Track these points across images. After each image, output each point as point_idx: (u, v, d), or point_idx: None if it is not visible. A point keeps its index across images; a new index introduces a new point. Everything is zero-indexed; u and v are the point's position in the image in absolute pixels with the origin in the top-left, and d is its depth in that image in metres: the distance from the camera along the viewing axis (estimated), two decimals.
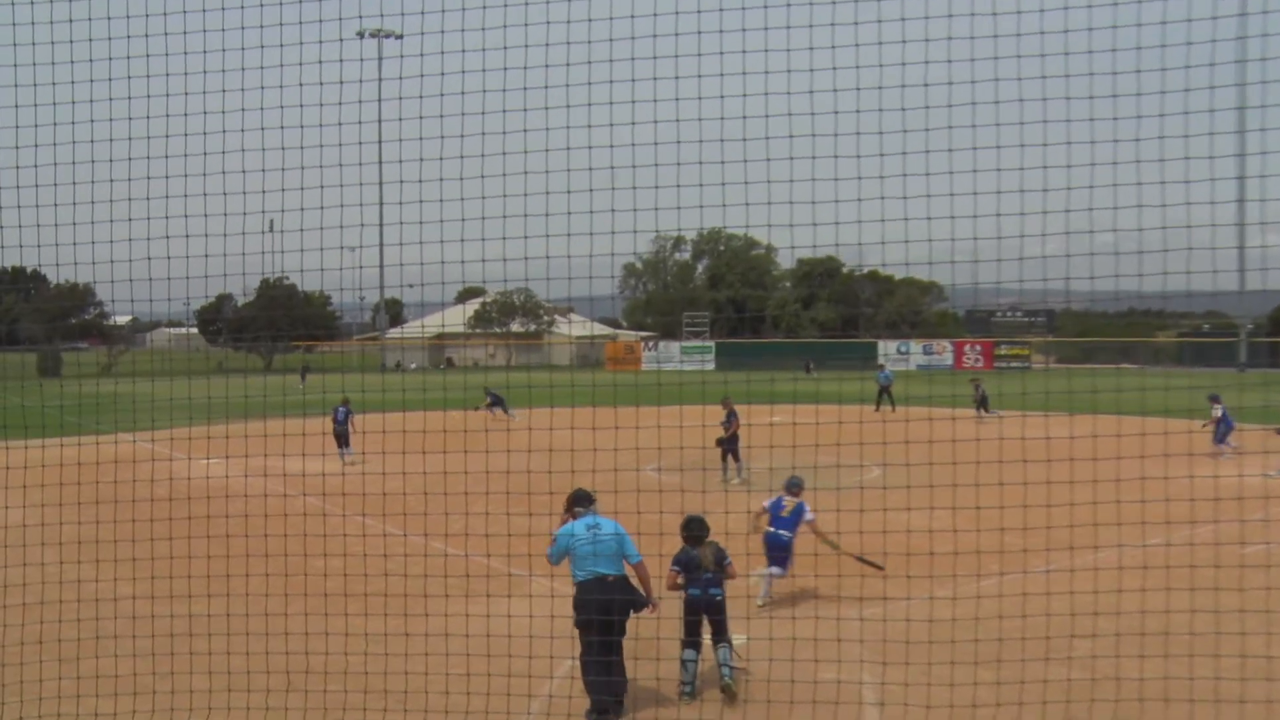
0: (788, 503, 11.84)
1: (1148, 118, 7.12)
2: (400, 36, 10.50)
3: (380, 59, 15.26)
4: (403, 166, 8.26)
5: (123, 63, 8.45)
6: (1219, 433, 23.67)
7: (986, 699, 8.47)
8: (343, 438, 24.07)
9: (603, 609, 8.51)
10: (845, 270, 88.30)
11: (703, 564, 9.17)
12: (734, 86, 7.80)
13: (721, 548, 9.33)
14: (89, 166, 8.59)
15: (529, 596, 10.68)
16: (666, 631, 9.41)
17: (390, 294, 78.28)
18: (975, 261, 8.21)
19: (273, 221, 8.83)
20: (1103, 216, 7.61)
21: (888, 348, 72.07)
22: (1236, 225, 10.13)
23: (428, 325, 77.48)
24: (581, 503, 9.01)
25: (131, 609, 9.54)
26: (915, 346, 74.09)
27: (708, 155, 8.02)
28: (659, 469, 19.09)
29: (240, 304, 73.71)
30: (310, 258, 8.79)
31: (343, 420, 24.41)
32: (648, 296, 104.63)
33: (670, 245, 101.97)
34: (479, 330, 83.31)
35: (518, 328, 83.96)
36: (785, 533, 11.72)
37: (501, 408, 30.63)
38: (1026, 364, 70.12)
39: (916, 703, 8.51)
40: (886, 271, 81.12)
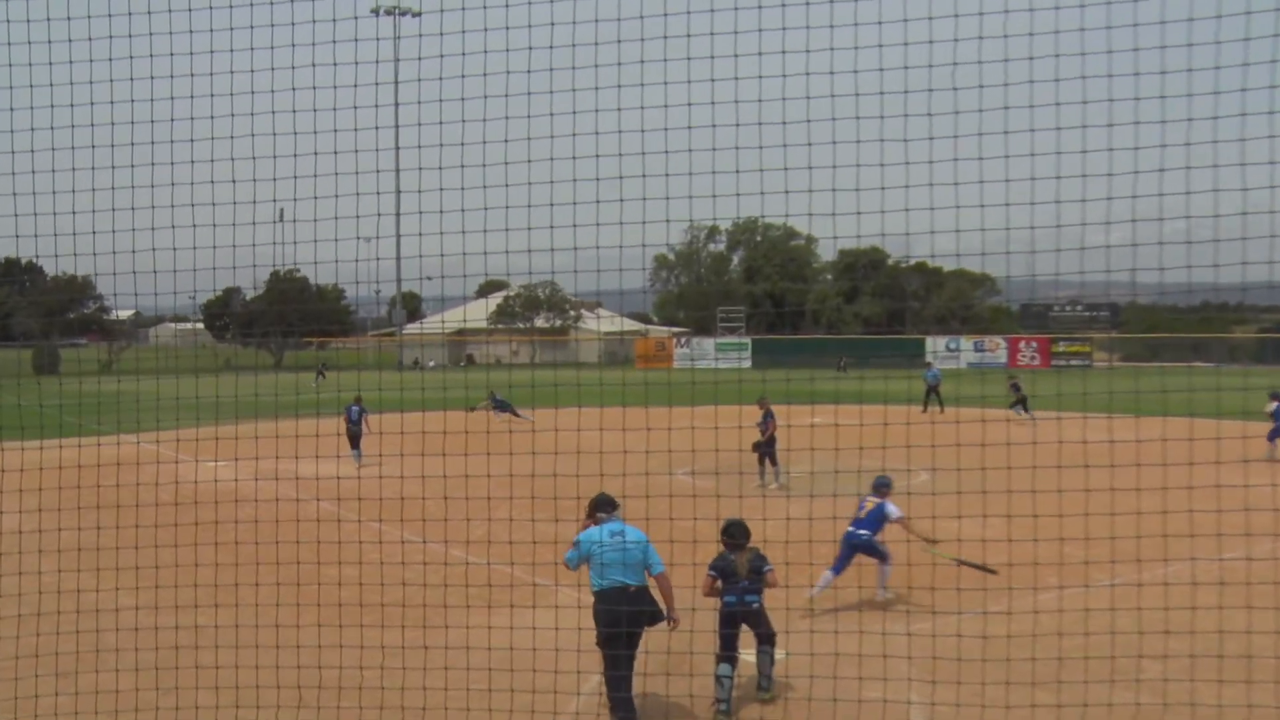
0: (869, 503, 12.13)
1: (1226, 93, 6.96)
2: (418, 14, 10.55)
3: (397, 38, 15.35)
4: (421, 152, 8.27)
5: (124, 41, 8.46)
6: (1274, 431, 23.30)
7: None
8: (356, 439, 24.22)
9: (629, 620, 8.49)
10: (891, 262, 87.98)
11: (738, 570, 9.17)
12: (773, 65, 7.68)
13: (761, 554, 9.34)
14: (89, 151, 8.60)
15: (554, 608, 10.69)
16: (700, 645, 9.38)
17: (408, 287, 78.98)
18: (1032, 252, 8.10)
19: (283, 210, 8.89)
20: (1174, 202, 7.47)
21: (936, 344, 71.67)
22: None
23: (447, 321, 77.73)
24: (604, 508, 9.00)
25: (134, 620, 9.58)
26: (966, 343, 73.50)
27: (745, 139, 7.94)
28: (692, 473, 19.05)
29: (249, 298, 74.64)
30: (323, 249, 8.79)
31: (356, 420, 24.57)
32: (680, 290, 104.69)
33: (704, 235, 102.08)
34: (501, 326, 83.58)
35: (542, 323, 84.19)
36: (864, 532, 11.95)
37: (509, 412, 30.33)
38: (1087, 362, 69.50)
39: None
40: (935, 263, 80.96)
